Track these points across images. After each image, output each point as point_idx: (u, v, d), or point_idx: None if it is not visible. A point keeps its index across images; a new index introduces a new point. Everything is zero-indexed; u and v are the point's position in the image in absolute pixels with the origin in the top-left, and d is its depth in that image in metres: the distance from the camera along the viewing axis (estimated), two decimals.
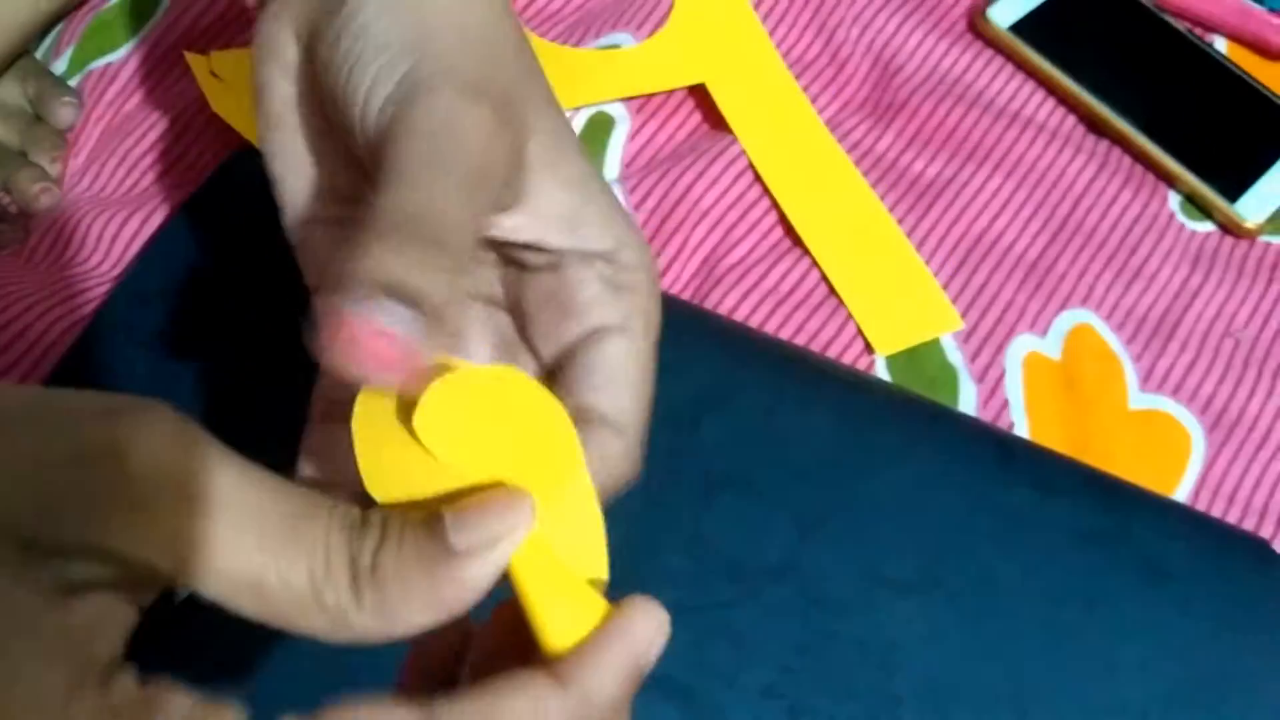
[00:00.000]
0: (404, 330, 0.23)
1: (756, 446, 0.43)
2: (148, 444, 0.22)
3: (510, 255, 0.31)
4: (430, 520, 0.23)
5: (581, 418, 0.29)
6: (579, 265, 0.30)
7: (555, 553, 0.24)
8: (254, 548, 0.22)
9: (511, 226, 0.29)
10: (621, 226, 0.30)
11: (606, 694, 0.23)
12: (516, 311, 0.32)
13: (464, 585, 0.23)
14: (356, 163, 0.30)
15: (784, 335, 0.50)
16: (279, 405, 0.44)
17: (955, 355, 0.50)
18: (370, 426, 0.25)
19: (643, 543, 0.29)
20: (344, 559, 0.22)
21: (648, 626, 0.24)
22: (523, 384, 0.25)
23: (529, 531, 0.24)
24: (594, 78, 0.55)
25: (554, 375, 0.31)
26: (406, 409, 0.24)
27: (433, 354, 0.24)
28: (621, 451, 0.29)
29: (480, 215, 0.27)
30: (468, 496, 0.24)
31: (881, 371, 0.50)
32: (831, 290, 0.51)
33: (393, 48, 0.28)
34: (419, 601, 0.23)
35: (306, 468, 0.30)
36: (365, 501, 0.24)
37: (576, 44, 0.56)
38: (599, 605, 0.24)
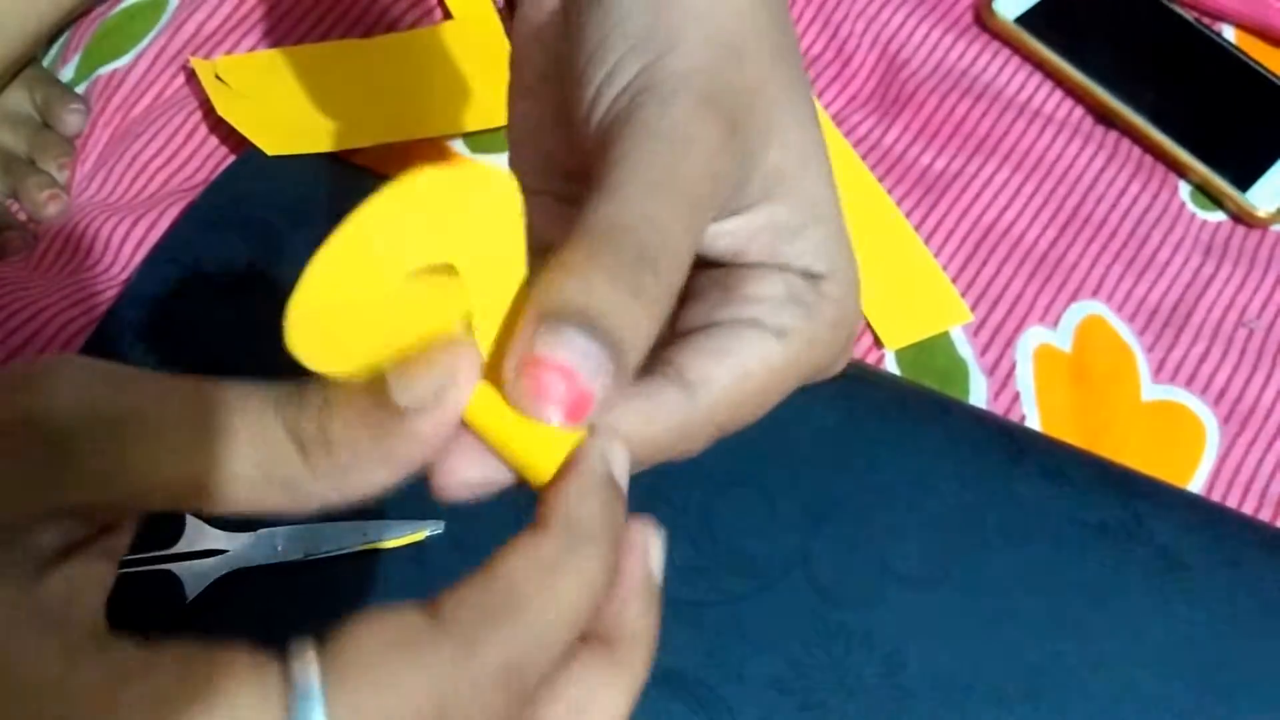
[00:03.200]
0: (585, 370, 0.22)
1: (766, 441, 0.43)
2: (64, 397, 0.22)
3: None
4: (373, 381, 0.22)
5: (665, 364, 0.25)
6: (768, 269, 0.27)
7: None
8: (190, 454, 0.22)
9: (714, 236, 0.26)
10: (842, 259, 0.27)
11: (590, 517, 0.22)
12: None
13: (415, 439, 0.22)
14: (576, 143, 0.28)
15: None
16: None
17: (965, 348, 0.50)
18: (311, 297, 0.23)
19: None
20: (284, 435, 0.22)
21: (608, 445, 0.23)
22: (483, 183, 0.22)
23: (475, 376, 0.22)
24: None
25: (673, 340, 0.27)
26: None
27: (612, 403, 0.22)
28: (677, 414, 0.25)
29: (698, 238, 0.25)
30: (408, 352, 0.22)
31: (892, 366, 0.49)
32: None
33: (637, 36, 0.26)
34: (372, 461, 0.22)
35: None
36: None
37: None
38: (568, 439, 0.23)
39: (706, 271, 0.28)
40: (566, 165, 0.29)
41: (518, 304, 0.23)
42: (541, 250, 0.29)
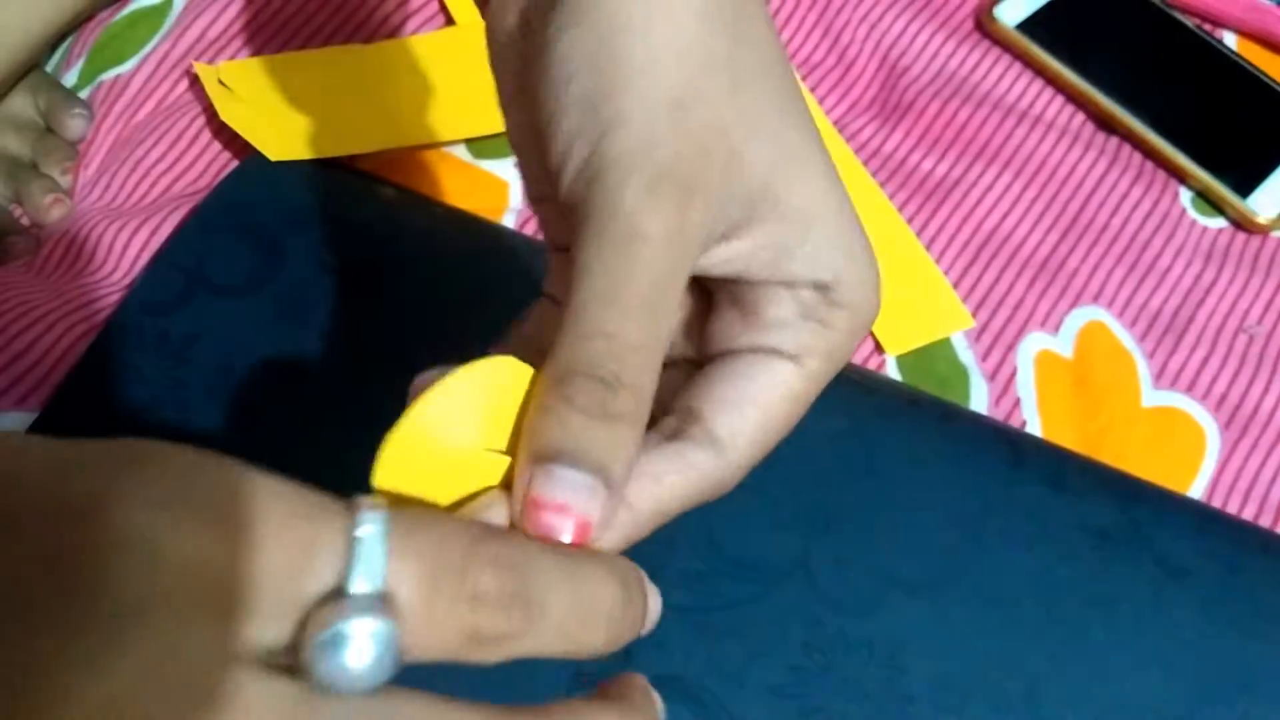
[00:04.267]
0: (578, 502, 0.24)
1: None
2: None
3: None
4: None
5: (691, 420, 0.27)
6: (779, 287, 0.28)
7: None
8: None
9: (708, 264, 0.27)
10: (847, 260, 0.28)
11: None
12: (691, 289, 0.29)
13: None
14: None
15: None
16: (290, 409, 0.44)
17: (966, 354, 0.50)
18: (408, 441, 0.25)
19: (653, 542, 0.29)
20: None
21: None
22: (501, 371, 0.26)
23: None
24: None
25: (696, 363, 0.29)
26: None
27: (610, 518, 0.25)
28: (709, 471, 0.27)
29: (664, 330, 0.26)
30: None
31: (892, 371, 0.50)
32: None
33: (583, 106, 0.26)
34: None
35: None
36: None
37: None
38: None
39: (720, 284, 0.29)
40: None
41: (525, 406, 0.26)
42: (558, 250, 0.30)
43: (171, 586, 0.19)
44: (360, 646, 0.20)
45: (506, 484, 0.26)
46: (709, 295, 0.29)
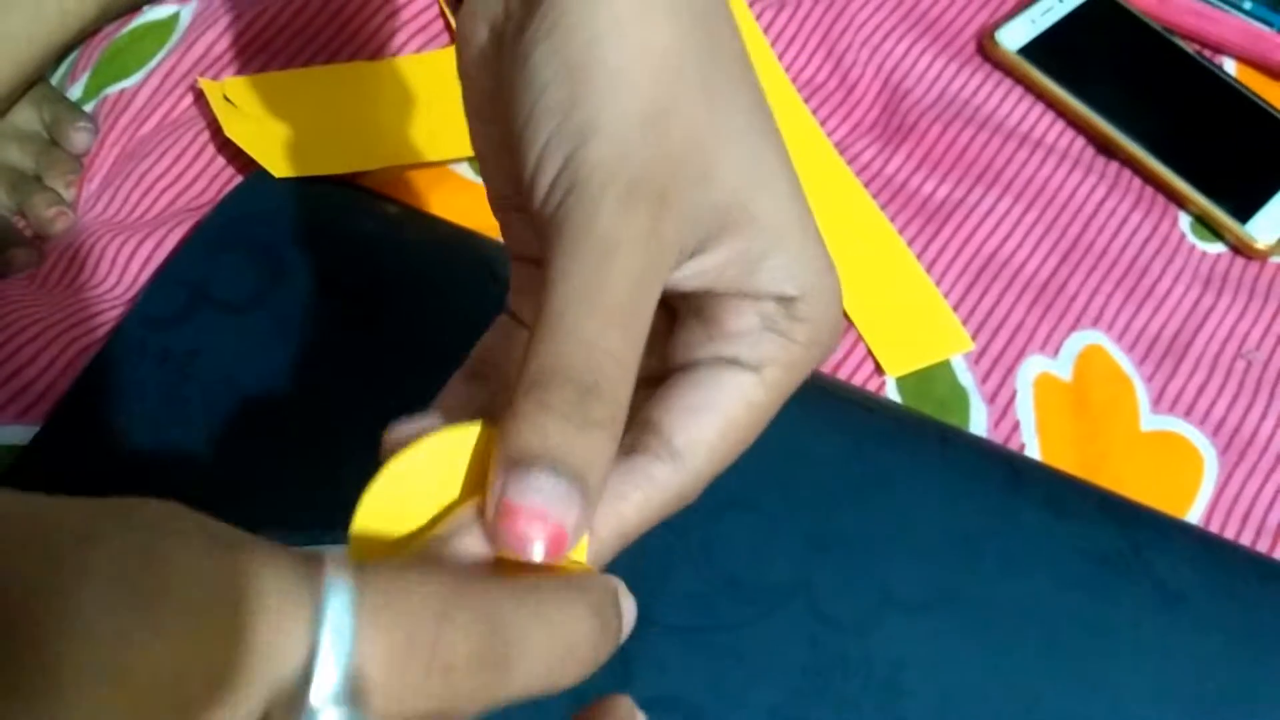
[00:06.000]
0: (555, 509, 0.23)
1: (766, 467, 0.43)
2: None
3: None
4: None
5: (649, 432, 0.27)
6: (743, 299, 0.28)
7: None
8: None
9: (680, 278, 0.27)
10: (811, 276, 0.28)
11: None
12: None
13: None
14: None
15: None
16: (291, 425, 0.44)
17: (966, 376, 0.50)
18: (380, 500, 0.25)
19: (652, 563, 0.29)
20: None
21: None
22: (484, 437, 0.26)
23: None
24: None
25: (658, 380, 0.29)
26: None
27: (584, 531, 0.24)
28: (669, 485, 0.27)
29: (641, 340, 0.25)
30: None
31: (892, 393, 0.50)
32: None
33: (558, 115, 0.26)
34: None
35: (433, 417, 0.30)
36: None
37: None
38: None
39: (685, 299, 0.29)
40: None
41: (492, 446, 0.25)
42: (521, 259, 0.30)
43: (117, 692, 0.18)
44: None
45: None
46: (672, 312, 0.29)
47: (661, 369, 0.29)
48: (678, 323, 0.29)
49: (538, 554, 0.23)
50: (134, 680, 0.18)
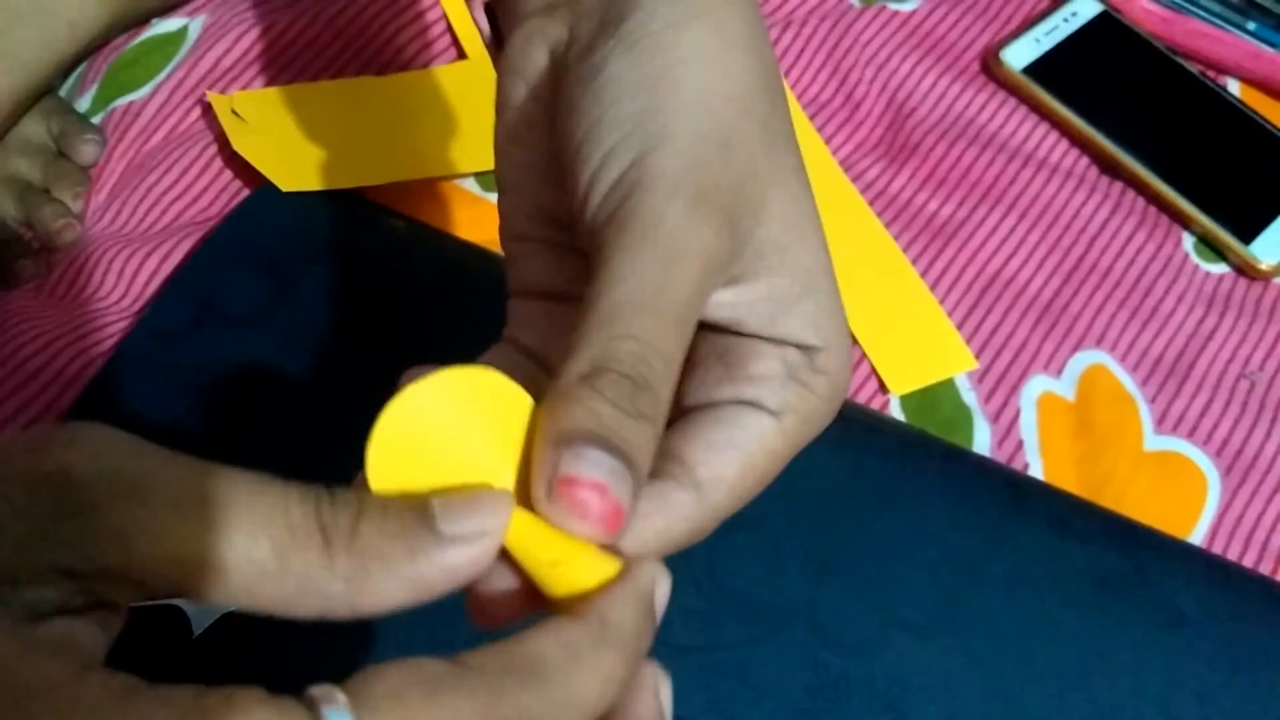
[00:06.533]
0: (614, 485, 0.24)
1: (770, 487, 0.43)
2: (83, 458, 0.22)
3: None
4: (415, 503, 0.23)
5: (673, 461, 0.27)
6: (767, 343, 0.28)
7: (549, 530, 0.24)
8: (202, 526, 0.22)
9: (711, 305, 0.27)
10: (834, 330, 0.28)
11: (626, 623, 0.23)
12: None
13: (446, 568, 0.23)
14: (575, 212, 0.29)
15: None
16: (299, 440, 0.44)
17: (969, 395, 0.51)
18: (396, 423, 0.25)
19: None
20: (312, 525, 0.22)
21: (658, 571, 0.25)
22: (499, 384, 0.25)
23: (506, 525, 0.24)
24: None
25: (677, 419, 0.29)
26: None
27: (632, 512, 0.24)
28: (690, 514, 0.27)
29: (687, 343, 0.26)
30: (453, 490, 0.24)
31: (896, 411, 0.50)
32: None
33: (630, 123, 0.26)
34: (399, 576, 0.22)
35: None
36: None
37: None
38: (611, 564, 0.25)
39: (706, 338, 0.29)
40: (556, 214, 0.30)
41: (530, 432, 0.25)
42: (538, 294, 0.30)
43: None
44: None
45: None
46: (691, 348, 0.29)
47: (675, 407, 0.29)
48: (697, 363, 0.29)
49: (593, 530, 0.24)
50: None
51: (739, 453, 0.27)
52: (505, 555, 0.24)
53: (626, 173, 0.26)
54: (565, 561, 0.24)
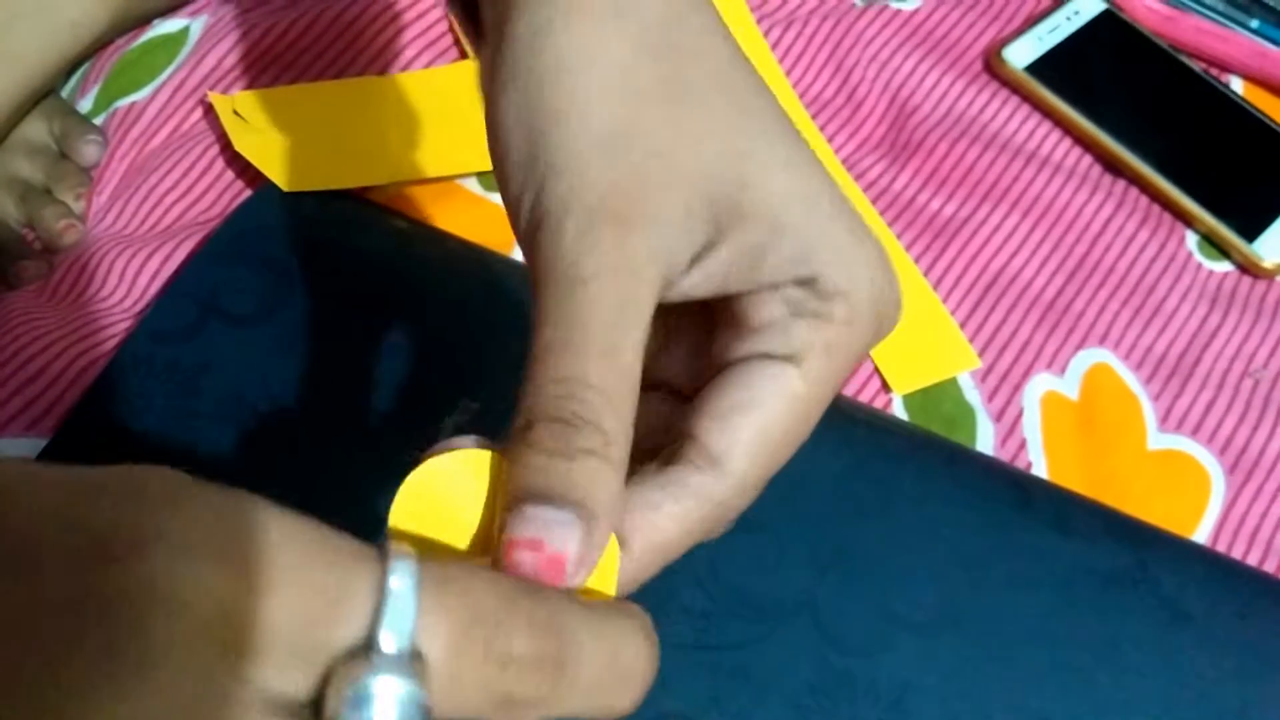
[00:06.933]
0: (551, 536, 0.23)
1: (772, 485, 0.43)
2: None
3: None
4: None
5: (685, 441, 0.26)
6: (763, 291, 0.26)
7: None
8: None
9: (685, 288, 0.26)
10: (826, 247, 0.26)
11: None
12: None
13: None
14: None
15: None
16: (301, 440, 0.44)
17: (973, 394, 0.50)
18: (416, 491, 0.25)
19: (658, 580, 0.29)
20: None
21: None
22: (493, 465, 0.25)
23: None
24: None
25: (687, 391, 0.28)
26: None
27: (595, 557, 0.24)
28: (710, 494, 0.26)
29: (629, 363, 0.25)
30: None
31: (899, 410, 0.50)
32: None
33: (521, 172, 0.26)
34: None
35: None
36: None
37: None
38: (605, 590, 0.25)
39: (700, 317, 0.28)
40: None
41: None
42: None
43: (196, 635, 0.19)
44: (385, 707, 0.20)
45: None
46: (710, 320, 0.28)
47: (704, 382, 0.28)
48: (697, 344, 0.28)
49: (544, 580, 0.23)
50: (207, 635, 0.19)
51: (753, 414, 0.26)
52: None
53: (531, 214, 0.26)
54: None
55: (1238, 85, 0.61)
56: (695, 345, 0.29)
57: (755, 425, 0.26)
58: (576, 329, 0.25)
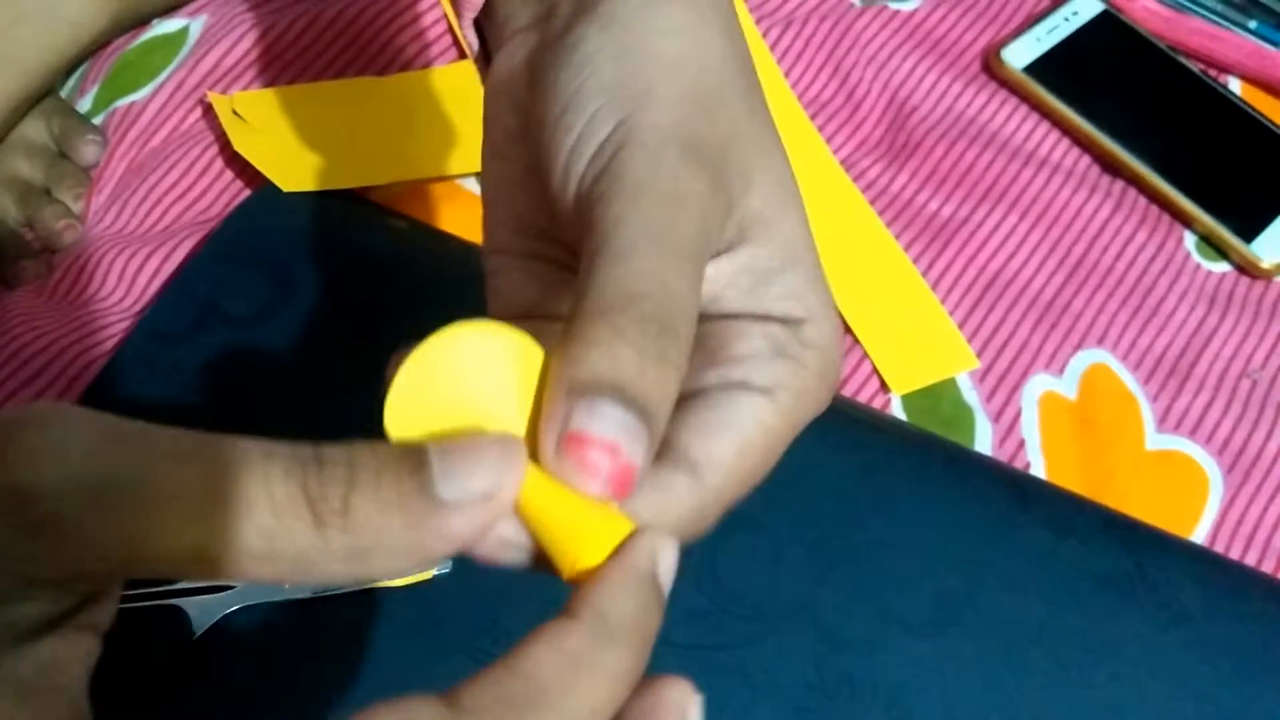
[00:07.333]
0: (627, 444, 0.22)
1: (772, 485, 0.43)
2: (44, 467, 0.21)
3: None
4: (411, 462, 0.21)
5: (665, 446, 0.25)
6: (749, 321, 0.26)
7: (557, 487, 0.22)
8: (193, 524, 0.20)
9: None
10: (819, 303, 0.27)
11: (626, 614, 0.22)
12: None
13: (449, 538, 0.21)
14: (550, 198, 0.28)
15: None
16: (303, 439, 0.44)
17: (971, 394, 0.51)
18: (415, 375, 0.23)
19: None
20: (300, 503, 0.21)
21: (660, 542, 0.23)
22: (520, 339, 0.24)
23: (520, 483, 0.22)
24: None
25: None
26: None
27: (646, 472, 0.22)
28: (687, 497, 0.25)
29: (700, 292, 0.24)
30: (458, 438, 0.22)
31: (898, 410, 0.50)
32: (848, 329, 0.51)
33: (611, 89, 0.25)
34: (398, 549, 0.21)
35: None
36: None
37: None
38: (621, 526, 0.23)
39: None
40: (537, 223, 0.29)
41: (543, 380, 0.23)
42: (518, 314, 0.29)
43: None
44: None
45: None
46: None
47: None
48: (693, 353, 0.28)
49: (600, 491, 0.22)
50: None
51: (734, 433, 0.25)
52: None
53: (613, 133, 0.25)
54: (574, 524, 0.22)
55: (1236, 86, 0.61)
56: None
57: (735, 444, 0.25)
58: (673, 236, 0.24)
